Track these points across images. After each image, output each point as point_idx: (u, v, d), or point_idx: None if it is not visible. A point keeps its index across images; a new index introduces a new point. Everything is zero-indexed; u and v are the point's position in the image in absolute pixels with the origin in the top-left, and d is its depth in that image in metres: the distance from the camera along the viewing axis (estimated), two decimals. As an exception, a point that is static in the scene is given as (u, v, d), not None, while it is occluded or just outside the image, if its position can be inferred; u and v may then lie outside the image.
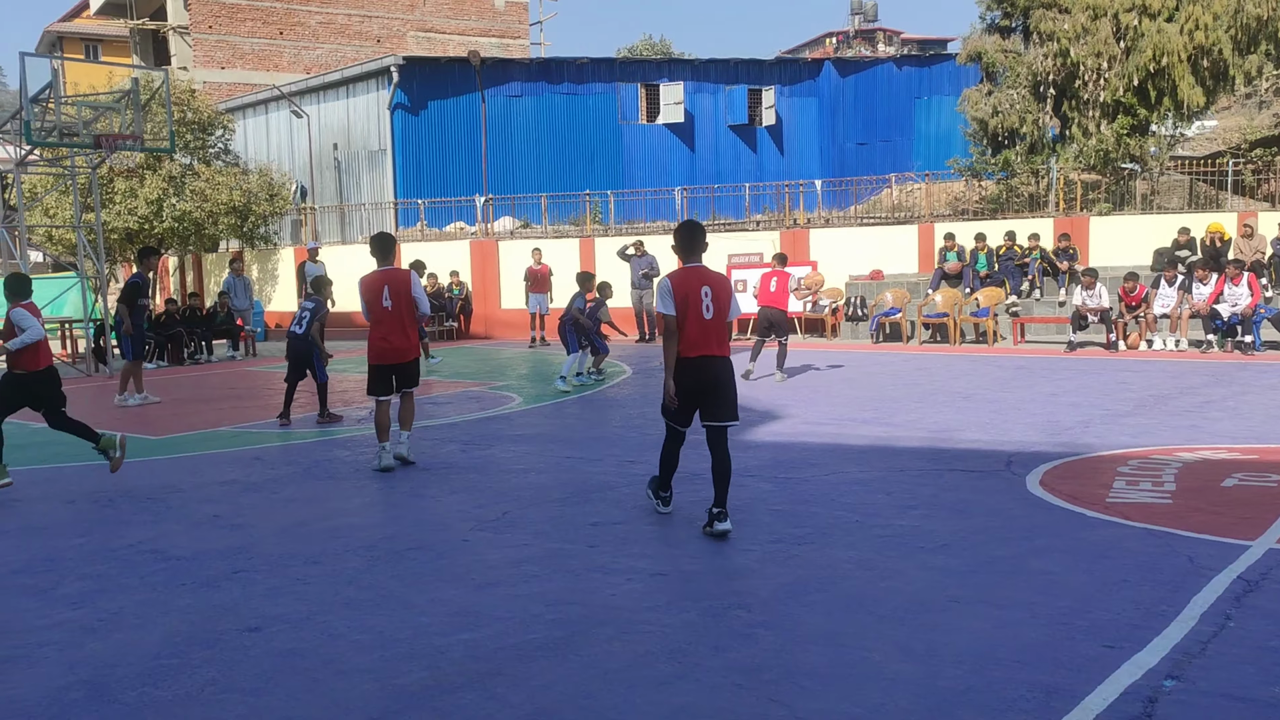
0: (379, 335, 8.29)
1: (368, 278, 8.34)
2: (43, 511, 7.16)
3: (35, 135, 14.01)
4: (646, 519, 6.52)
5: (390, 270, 8.42)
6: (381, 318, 8.25)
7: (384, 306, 8.23)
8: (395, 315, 8.26)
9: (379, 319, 8.26)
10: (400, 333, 8.32)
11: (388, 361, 8.32)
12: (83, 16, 55.21)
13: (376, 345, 8.31)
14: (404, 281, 8.32)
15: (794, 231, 20.85)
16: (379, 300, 8.23)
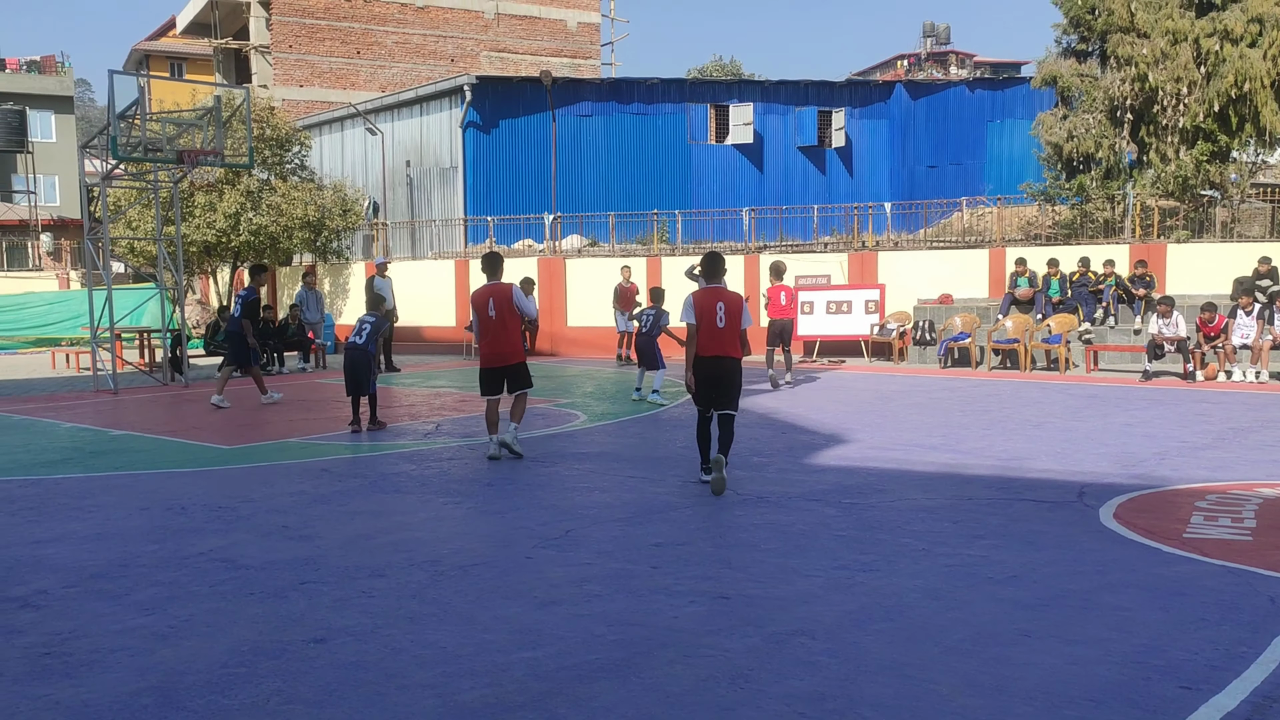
0: (486, 343, 9.33)
1: (477, 292, 9.34)
2: (119, 518, 7.33)
3: (121, 150, 14.43)
4: (709, 541, 6.48)
5: (496, 285, 9.33)
6: (488, 327, 9.26)
7: (490, 317, 9.22)
8: (500, 324, 9.22)
9: (485, 328, 9.29)
10: (505, 340, 9.28)
11: (495, 365, 9.35)
12: (169, 35, 56.94)
13: (485, 352, 9.37)
14: (506, 295, 9.24)
15: (862, 254, 20.69)
16: (485, 311, 9.22)
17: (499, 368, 9.37)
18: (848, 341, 19.90)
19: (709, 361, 7.96)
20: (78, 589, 5.63)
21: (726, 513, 7.26)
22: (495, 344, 9.31)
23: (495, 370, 9.38)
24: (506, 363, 9.38)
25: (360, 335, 11.48)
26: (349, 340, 11.69)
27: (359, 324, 11.64)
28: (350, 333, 11.80)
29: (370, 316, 11.67)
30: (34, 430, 11.86)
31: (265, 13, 37.01)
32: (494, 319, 9.23)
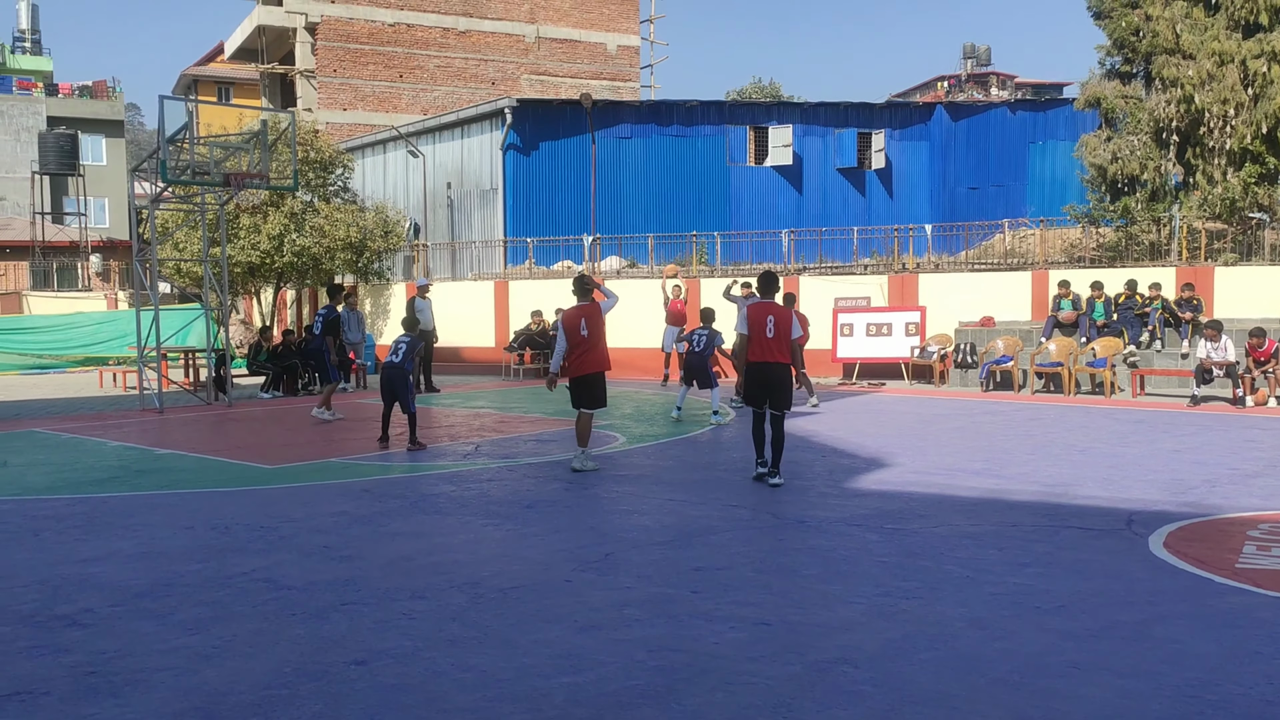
0: (576, 357, 10.04)
1: (569, 311, 10.17)
2: (163, 537, 7.41)
3: (171, 174, 14.67)
4: (750, 565, 6.43)
5: (587, 305, 10.15)
6: (578, 343, 10.00)
7: (581, 335, 9.99)
8: (591, 341, 10.04)
9: (575, 344, 10.02)
10: (595, 355, 10.10)
11: (580, 374, 10.07)
12: (217, 61, 58.04)
13: (575, 364, 10.07)
14: (598, 313, 10.13)
15: (903, 276, 20.56)
16: (578, 329, 9.99)
17: (588, 375, 10.09)
18: (888, 364, 19.75)
19: (760, 366, 9.26)
20: (123, 608, 5.69)
21: (767, 537, 7.21)
22: (585, 359, 10.06)
23: (583, 379, 10.09)
24: (598, 369, 10.15)
25: (397, 354, 11.87)
26: (386, 359, 12.08)
27: (395, 343, 12.05)
28: (388, 353, 12.14)
29: (406, 336, 12.04)
30: (82, 449, 12.04)
31: (311, 38, 37.60)
32: (586, 337, 9.99)
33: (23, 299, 34.53)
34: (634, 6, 43.05)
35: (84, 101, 53.96)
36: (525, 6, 40.81)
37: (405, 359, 11.83)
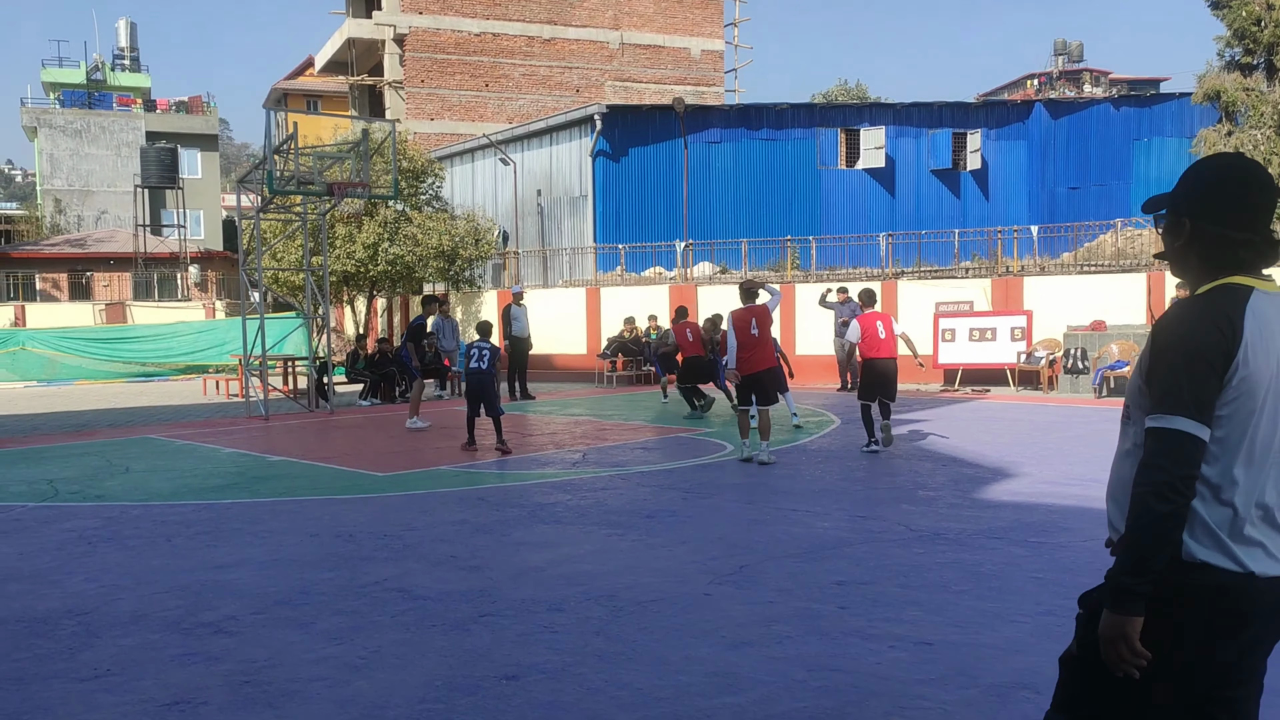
0: (746, 355, 10.68)
1: (738, 312, 10.82)
2: (291, 544, 7.41)
3: (276, 184, 14.88)
4: (894, 580, 6.17)
5: (755, 306, 10.87)
6: (748, 342, 10.68)
7: (752, 334, 10.68)
8: (761, 340, 10.73)
9: (745, 343, 10.68)
10: (765, 353, 10.79)
11: (751, 371, 10.68)
12: (305, 75, 59.29)
13: (743, 361, 10.69)
14: (766, 314, 10.82)
15: (1006, 279, 20.00)
16: (748, 329, 10.69)
17: (759, 372, 10.71)
18: (992, 370, 19.23)
19: (877, 362, 11.26)
20: (265, 615, 5.66)
21: (904, 550, 6.94)
22: (755, 356, 10.71)
23: (755, 376, 10.71)
24: (767, 366, 10.80)
25: (482, 361, 12.28)
26: (471, 366, 12.43)
27: (477, 350, 12.42)
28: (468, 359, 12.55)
29: (484, 343, 12.48)
30: (197, 455, 12.22)
31: (399, 49, 38.12)
32: (756, 336, 10.70)
33: (126, 309, 35.56)
34: (718, 11, 42.84)
35: (180, 116, 55.56)
36: (609, 13, 40.87)
37: (490, 365, 12.27)
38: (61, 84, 56.45)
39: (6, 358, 28.18)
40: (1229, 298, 2.29)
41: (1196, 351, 2.24)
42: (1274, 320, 2.29)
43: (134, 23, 63.04)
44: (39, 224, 50.76)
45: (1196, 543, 2.27)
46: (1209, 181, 2.39)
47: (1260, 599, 2.29)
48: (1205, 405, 2.22)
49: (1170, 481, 2.21)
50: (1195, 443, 2.21)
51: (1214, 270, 2.36)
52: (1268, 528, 2.29)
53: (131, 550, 7.29)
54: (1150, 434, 2.26)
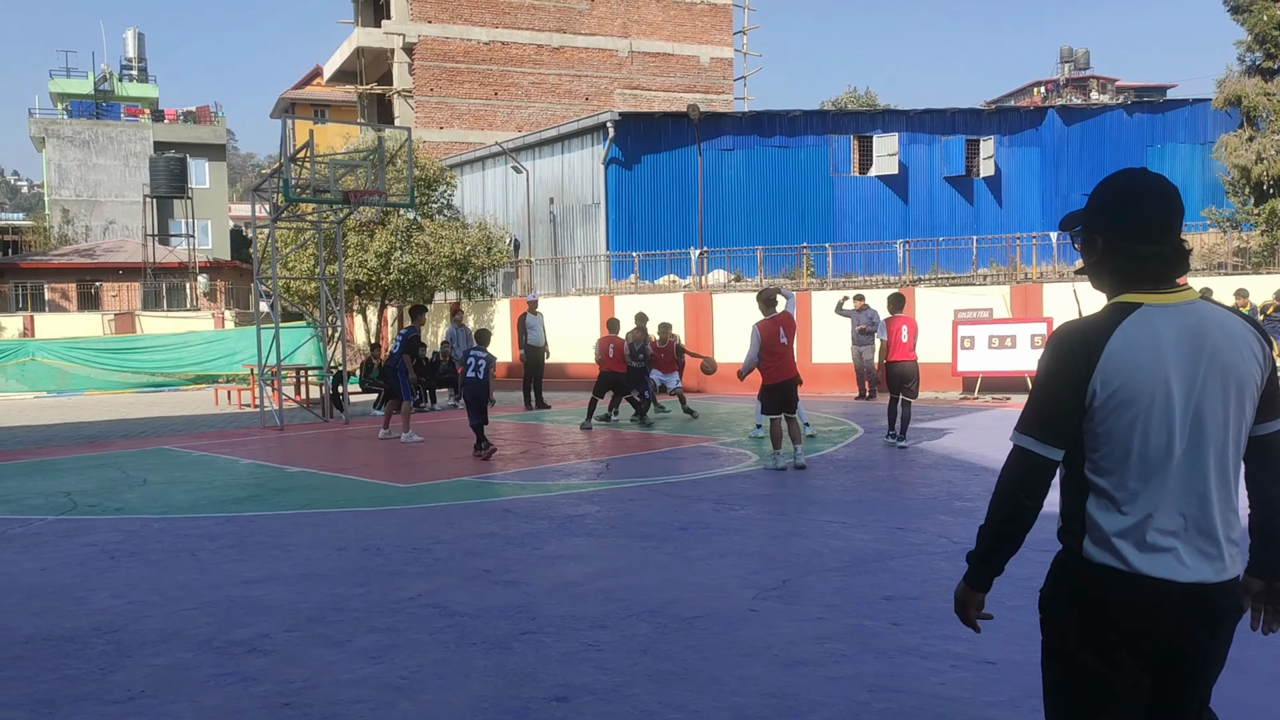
0: (774, 365, 10.79)
1: (764, 322, 10.90)
2: (319, 558, 7.24)
3: (293, 193, 14.74)
4: (943, 595, 5.98)
5: (782, 315, 11.09)
6: (776, 350, 10.79)
7: (781, 342, 10.81)
8: (788, 349, 10.91)
9: (773, 351, 10.78)
10: (791, 361, 10.94)
11: (779, 380, 10.78)
12: (313, 84, 59.34)
13: (773, 370, 10.79)
14: (791, 322, 11.05)
15: (1025, 286, 19.81)
16: (776, 338, 10.80)
17: (786, 380, 10.79)
18: (1012, 377, 19.03)
19: (896, 364, 12.23)
20: (299, 633, 5.49)
21: (949, 563, 6.75)
22: (783, 365, 10.82)
23: (782, 384, 10.78)
24: (794, 374, 10.92)
25: (478, 370, 12.34)
26: (467, 375, 12.43)
27: (473, 359, 12.44)
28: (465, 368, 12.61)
29: (480, 352, 12.49)
30: (215, 466, 12.06)
31: (408, 58, 38.05)
32: (785, 345, 10.82)
33: (135, 319, 35.47)
34: (727, 19, 42.76)
35: (188, 127, 55.55)
36: (618, 21, 40.80)
37: (486, 374, 12.30)
38: (69, 94, 56.50)
39: (16, 369, 28.09)
40: (1101, 319, 2.40)
41: (1047, 374, 2.43)
42: (1164, 333, 2.36)
43: (141, 33, 63.12)
44: (47, 234, 50.74)
45: (1095, 545, 2.41)
46: (1116, 198, 2.50)
47: (1168, 604, 2.35)
48: (1053, 425, 2.41)
49: (1011, 492, 2.48)
50: (1036, 460, 2.43)
51: (1126, 283, 2.45)
52: (1189, 535, 2.37)
53: (156, 565, 7.12)
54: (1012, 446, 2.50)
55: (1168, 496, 2.36)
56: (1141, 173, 2.53)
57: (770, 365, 10.82)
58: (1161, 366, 2.34)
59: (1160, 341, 2.35)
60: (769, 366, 10.83)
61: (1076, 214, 2.62)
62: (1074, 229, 2.63)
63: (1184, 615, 2.36)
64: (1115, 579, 2.37)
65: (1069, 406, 2.39)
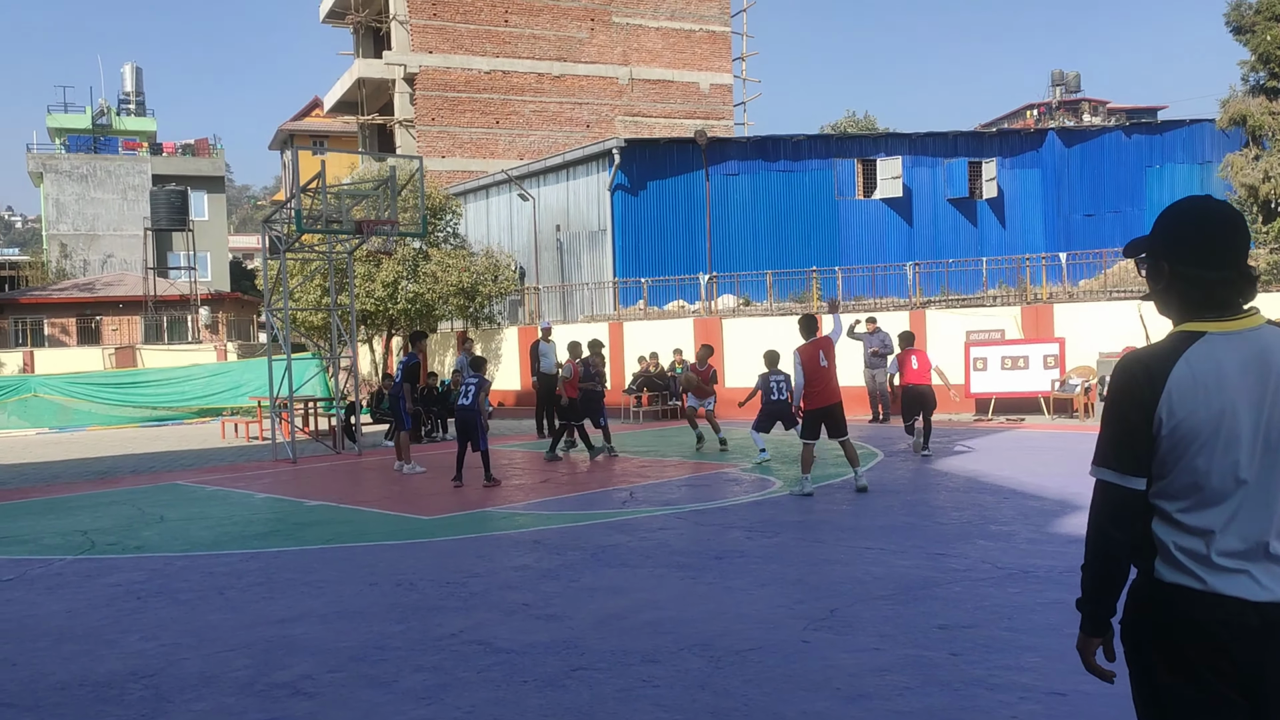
0: (815, 389, 10.68)
1: (805, 347, 10.81)
2: (352, 594, 7.08)
3: (305, 224, 14.66)
4: (999, 623, 5.84)
5: (823, 339, 10.98)
6: (818, 374, 10.68)
7: (821, 366, 10.70)
8: (830, 371, 10.77)
9: (815, 375, 10.68)
10: (834, 385, 10.82)
11: (822, 405, 10.68)
12: (312, 115, 59.50)
13: (814, 395, 10.70)
14: (831, 346, 10.95)
15: (1036, 306, 19.75)
16: (817, 362, 10.69)
17: (828, 406, 10.72)
18: (1025, 398, 18.92)
19: (914, 388, 13.59)
20: (342, 673, 5.34)
21: (999, 589, 6.62)
22: (828, 390, 10.73)
23: (822, 411, 10.72)
24: (837, 399, 10.84)
25: (467, 396, 12.32)
26: (459, 403, 12.46)
27: (464, 385, 12.43)
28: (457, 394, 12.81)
29: (473, 378, 12.48)
30: (231, 501, 11.90)
31: (409, 88, 38.15)
32: (825, 368, 10.72)
33: (136, 353, 35.29)
34: (725, 45, 42.96)
35: (186, 159, 55.63)
36: (618, 49, 40.97)
37: (474, 399, 12.24)
38: (67, 129, 56.58)
39: (17, 405, 27.88)
40: (1165, 348, 2.39)
41: (1115, 404, 2.43)
42: (1229, 361, 2.35)
43: (139, 68, 63.33)
44: (45, 269, 50.66)
45: (1166, 566, 2.39)
46: (1183, 224, 2.48)
47: (1245, 623, 2.32)
48: (1128, 454, 2.40)
49: (1101, 528, 2.44)
50: (1120, 492, 2.41)
51: (1192, 310, 2.44)
52: (1263, 557, 2.34)
53: (185, 605, 6.97)
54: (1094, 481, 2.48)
55: (1239, 520, 2.35)
56: (1207, 199, 2.50)
57: (811, 390, 10.73)
58: (1227, 394, 2.34)
59: (1225, 369, 2.34)
60: (810, 391, 10.75)
61: (1141, 240, 2.59)
62: (1139, 255, 2.61)
63: (1262, 635, 2.32)
64: (1189, 598, 2.35)
65: (1142, 435, 2.39)
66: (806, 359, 10.73)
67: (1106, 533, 2.44)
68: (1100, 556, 2.47)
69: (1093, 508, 2.49)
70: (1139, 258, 2.60)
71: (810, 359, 10.74)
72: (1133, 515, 2.43)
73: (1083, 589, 2.54)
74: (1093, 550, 2.48)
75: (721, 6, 42.71)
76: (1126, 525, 2.43)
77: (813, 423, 10.80)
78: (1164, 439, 2.37)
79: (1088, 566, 2.51)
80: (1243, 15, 20.33)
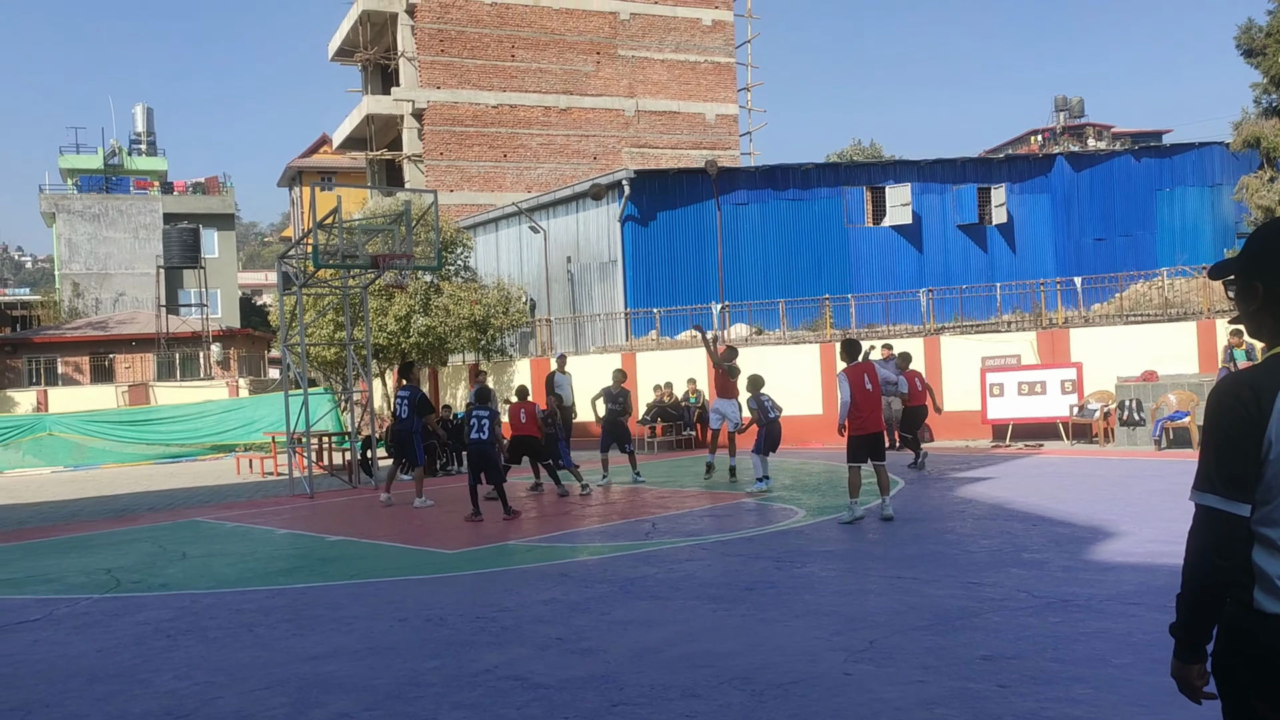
0: (862, 414, 10.57)
1: (851, 370, 10.80)
2: (383, 630, 7.02)
3: (321, 259, 14.70)
4: (1043, 654, 5.76)
5: (866, 363, 11.03)
6: (864, 399, 10.59)
7: (866, 389, 10.64)
8: (875, 396, 10.72)
9: (861, 401, 10.58)
10: (878, 409, 10.81)
11: (868, 431, 10.61)
12: (320, 152, 59.87)
13: (859, 421, 10.58)
14: (875, 371, 10.92)
15: (1052, 331, 19.69)
16: (862, 385, 10.64)
17: (872, 433, 10.67)
18: (1043, 424, 18.83)
19: (918, 407, 15.51)
20: (380, 711, 5.28)
21: (1038, 619, 6.53)
22: (872, 414, 10.68)
23: (868, 437, 10.64)
24: (879, 428, 10.80)
25: (482, 431, 12.21)
26: (471, 436, 12.31)
27: (476, 419, 12.27)
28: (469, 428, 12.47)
29: (483, 411, 12.41)
30: (252, 538, 11.85)
31: (418, 124, 38.40)
32: (870, 391, 10.65)
33: (149, 390, 35.33)
34: (730, 76, 43.20)
35: (197, 198, 56.03)
36: (624, 82, 41.22)
37: (490, 434, 12.20)
38: (79, 170, 57.04)
39: (32, 444, 27.90)
40: (1268, 370, 2.36)
41: (1221, 428, 2.37)
42: None
43: (150, 108, 63.92)
44: (57, 308, 50.88)
45: (1266, 595, 2.35)
46: (1278, 243, 2.44)
47: None
48: (1234, 479, 2.34)
49: (1204, 555, 2.38)
50: (1223, 517, 2.35)
51: None
52: None
53: (214, 643, 6.91)
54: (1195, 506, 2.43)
55: None
56: None
57: (857, 414, 10.65)
58: None
59: None
60: (855, 415, 10.67)
61: (1230, 261, 2.56)
62: (1227, 277, 2.57)
63: None
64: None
65: (1248, 459, 2.34)
66: (853, 381, 10.67)
67: (1211, 562, 2.37)
68: (1202, 584, 2.40)
69: (1193, 534, 2.42)
70: (1227, 279, 2.55)
71: (857, 382, 10.68)
72: (1237, 543, 2.37)
73: (1179, 616, 2.47)
74: (1194, 578, 2.42)
75: (726, 38, 43.00)
76: (1232, 553, 2.37)
77: (857, 448, 10.71)
78: (1271, 463, 2.33)
79: (1186, 594, 2.44)
80: (1253, 38, 20.39)
